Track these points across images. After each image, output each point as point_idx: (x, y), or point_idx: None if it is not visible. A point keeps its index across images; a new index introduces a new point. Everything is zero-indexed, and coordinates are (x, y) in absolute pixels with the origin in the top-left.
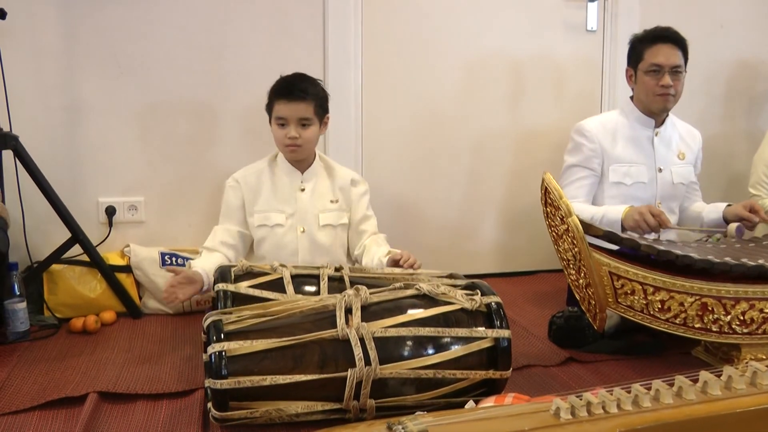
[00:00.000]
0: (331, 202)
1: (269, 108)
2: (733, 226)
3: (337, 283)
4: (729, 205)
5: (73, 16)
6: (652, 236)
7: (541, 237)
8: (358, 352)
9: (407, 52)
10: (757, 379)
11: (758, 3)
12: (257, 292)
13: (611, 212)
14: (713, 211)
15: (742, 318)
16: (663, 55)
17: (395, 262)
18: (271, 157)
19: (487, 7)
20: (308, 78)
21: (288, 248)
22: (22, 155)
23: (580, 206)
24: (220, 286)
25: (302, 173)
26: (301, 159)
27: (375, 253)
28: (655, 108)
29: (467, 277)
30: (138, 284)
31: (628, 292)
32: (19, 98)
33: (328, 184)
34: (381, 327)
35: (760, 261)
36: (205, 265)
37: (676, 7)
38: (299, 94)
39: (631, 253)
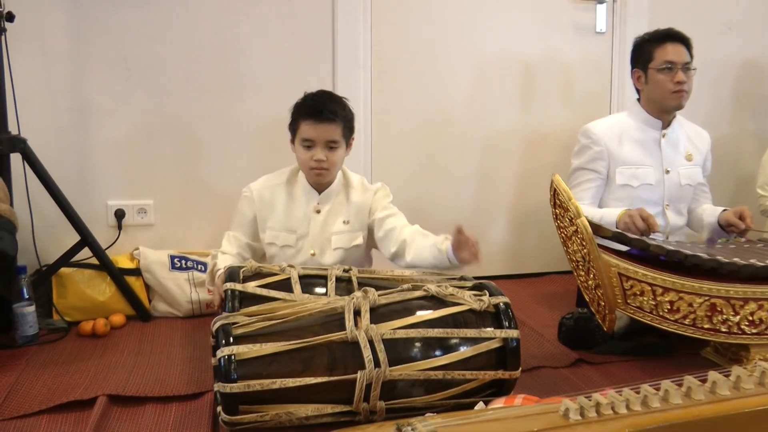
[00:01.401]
0: (344, 223)
1: (293, 127)
2: (703, 237)
3: (345, 284)
4: (725, 210)
5: (81, 19)
6: (660, 237)
7: (551, 239)
8: (367, 354)
9: (416, 54)
10: (765, 379)
11: (766, 5)
12: (265, 292)
13: (608, 215)
14: (711, 214)
15: (750, 318)
16: (674, 52)
17: (460, 235)
18: (292, 171)
19: (496, 10)
20: (336, 97)
21: None
22: (30, 158)
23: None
24: (229, 285)
25: (320, 194)
26: (324, 182)
27: (424, 245)
28: (670, 105)
29: (476, 279)
30: (147, 287)
31: (637, 293)
32: (28, 101)
33: (344, 203)
34: (390, 329)
35: None
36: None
37: (685, 8)
38: (329, 116)
39: (640, 254)
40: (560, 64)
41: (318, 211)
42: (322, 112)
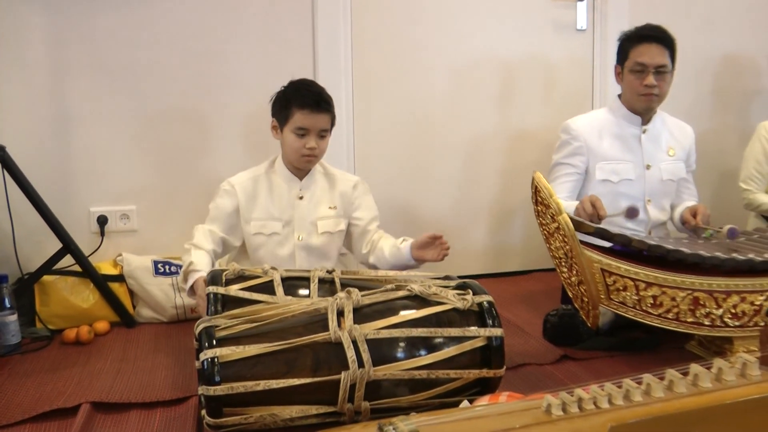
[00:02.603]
0: (330, 208)
1: (285, 115)
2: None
3: (328, 286)
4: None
5: (61, 24)
6: (643, 233)
7: (534, 236)
8: (351, 354)
9: (397, 54)
10: (746, 371)
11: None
12: (247, 295)
13: (570, 206)
14: (679, 211)
15: (733, 311)
16: (648, 54)
17: (433, 239)
18: (269, 163)
19: (477, 9)
20: (322, 87)
21: (285, 256)
22: (9, 166)
23: None
24: (211, 289)
25: (301, 180)
26: (312, 167)
27: (384, 245)
28: (638, 107)
29: (460, 278)
30: (131, 293)
31: (620, 288)
32: (6, 108)
33: (327, 191)
34: (373, 329)
35: (750, 255)
36: (205, 265)
37: (665, 4)
38: (325, 106)
39: (622, 249)
40: (541, 62)
41: (301, 197)
42: (319, 103)
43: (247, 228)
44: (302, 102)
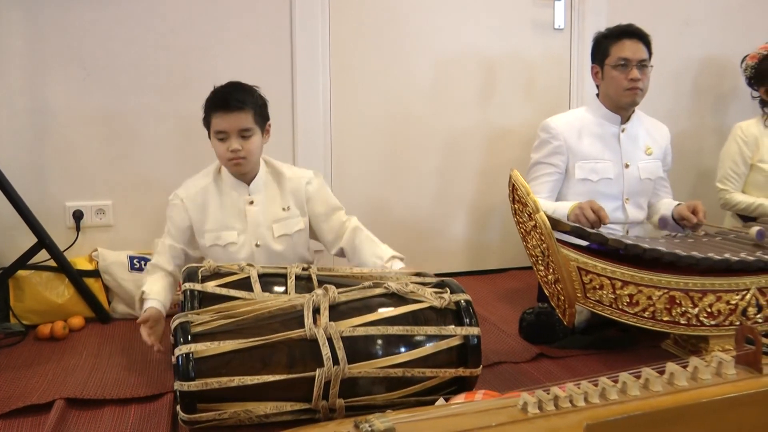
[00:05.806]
0: (283, 210)
1: (207, 122)
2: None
3: (305, 282)
4: (679, 204)
5: (37, 18)
6: (619, 232)
7: (511, 234)
8: (326, 351)
9: (376, 51)
10: (722, 369)
11: (723, 1)
12: (224, 291)
13: (561, 208)
14: (667, 208)
15: (709, 310)
16: (630, 49)
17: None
18: (215, 170)
19: (456, 7)
20: (243, 86)
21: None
22: None
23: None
24: (188, 285)
25: (248, 185)
26: (246, 171)
27: (371, 252)
28: (624, 103)
29: (437, 275)
30: (107, 289)
31: (597, 286)
32: None
33: (278, 192)
34: (349, 326)
35: (726, 255)
36: (157, 293)
37: (643, 4)
38: (236, 104)
39: (599, 248)
40: (520, 60)
41: (251, 203)
42: (229, 102)
43: (202, 241)
44: (214, 105)
